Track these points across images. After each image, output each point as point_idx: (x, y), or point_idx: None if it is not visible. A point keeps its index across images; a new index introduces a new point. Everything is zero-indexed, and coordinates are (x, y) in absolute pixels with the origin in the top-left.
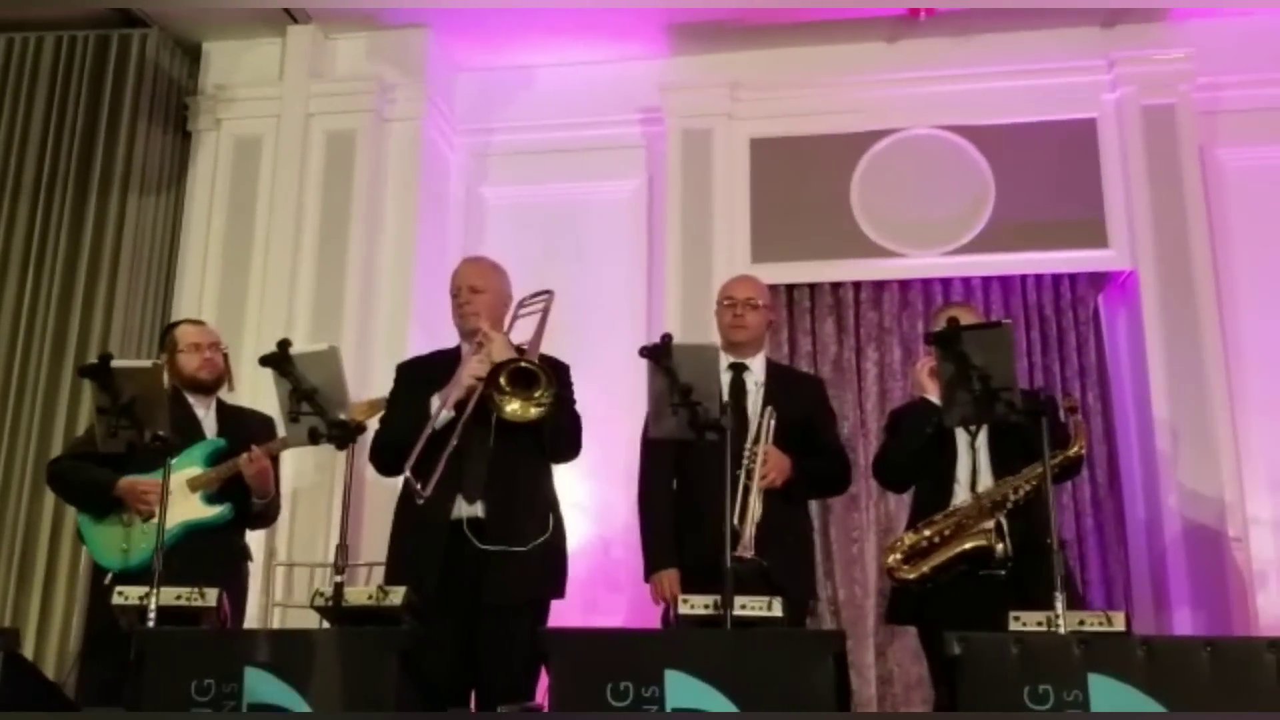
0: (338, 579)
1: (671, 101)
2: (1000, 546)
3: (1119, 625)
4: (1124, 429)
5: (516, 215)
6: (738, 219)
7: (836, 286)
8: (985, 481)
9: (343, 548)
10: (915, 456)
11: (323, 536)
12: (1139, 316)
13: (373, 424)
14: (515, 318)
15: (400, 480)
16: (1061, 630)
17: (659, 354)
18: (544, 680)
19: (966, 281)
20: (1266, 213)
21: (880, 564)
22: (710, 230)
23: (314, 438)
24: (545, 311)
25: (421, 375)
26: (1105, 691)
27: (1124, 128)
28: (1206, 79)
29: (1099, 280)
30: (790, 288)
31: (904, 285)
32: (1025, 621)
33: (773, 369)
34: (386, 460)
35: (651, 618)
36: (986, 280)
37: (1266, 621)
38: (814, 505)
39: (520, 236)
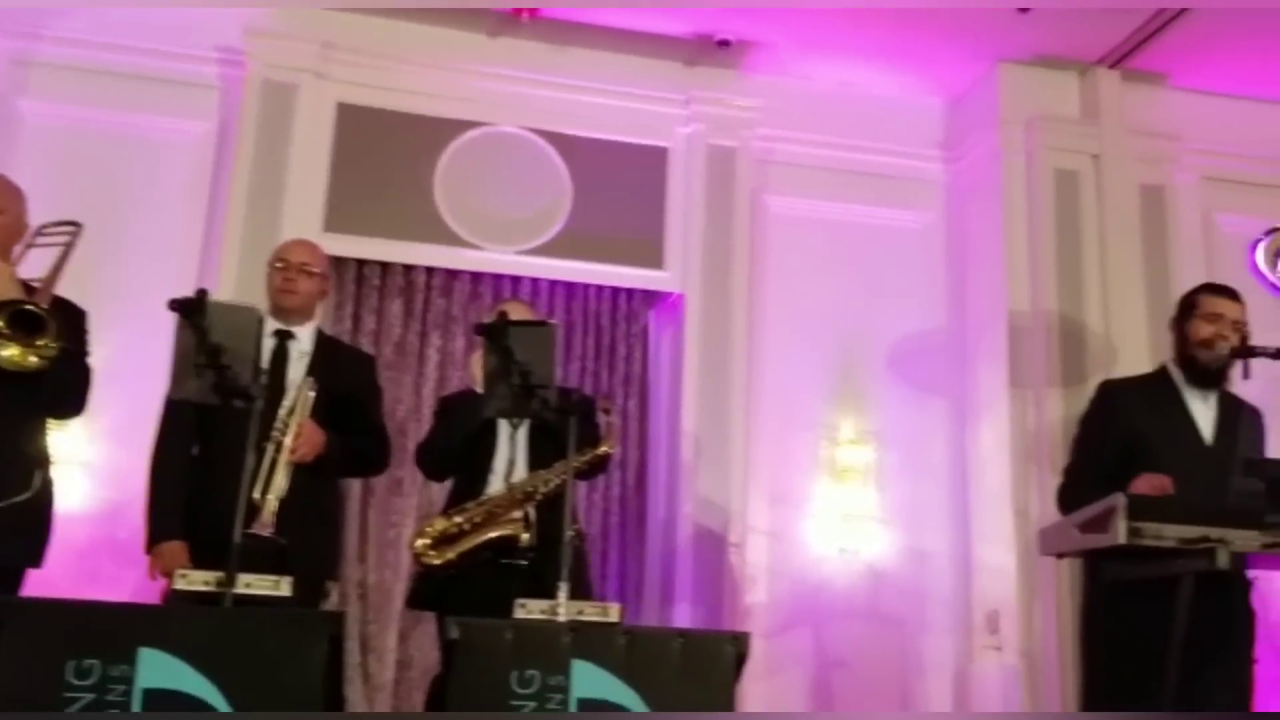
0: None
1: (255, 47)
2: (525, 536)
3: (613, 616)
4: (656, 437)
5: (59, 138)
6: (314, 183)
7: (409, 269)
8: (521, 473)
9: None
10: (459, 446)
11: None
12: (682, 336)
13: None
14: (29, 247)
15: None
16: (561, 619)
17: (189, 309)
18: None
19: (535, 282)
20: (797, 259)
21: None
22: (282, 189)
23: None
24: (69, 247)
25: None
26: (585, 676)
27: (691, 161)
28: (766, 130)
29: (652, 298)
30: (361, 263)
31: (476, 277)
32: (530, 609)
33: (322, 340)
34: None
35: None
36: (554, 284)
37: (753, 618)
38: (356, 486)
39: (61, 163)
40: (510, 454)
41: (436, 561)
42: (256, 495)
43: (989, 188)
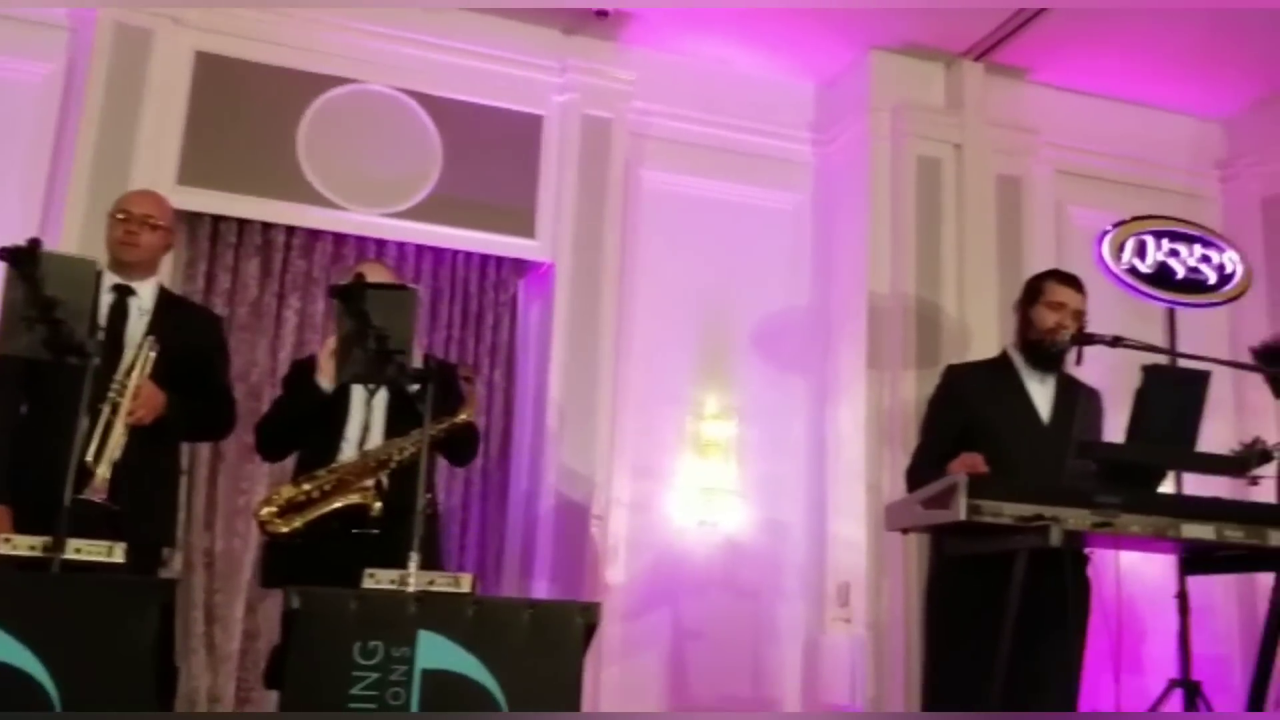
0: None
1: None
2: (377, 505)
3: (465, 587)
4: (522, 408)
5: None
6: (168, 133)
7: (268, 227)
8: (376, 440)
9: None
10: (292, 429)
11: None
12: (551, 306)
13: None
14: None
15: None
16: (411, 589)
17: (20, 259)
18: None
19: (401, 246)
20: (669, 234)
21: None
22: (133, 138)
23: None
24: None
25: None
26: (431, 647)
27: (565, 130)
28: (642, 103)
29: (522, 267)
30: (217, 219)
31: (339, 239)
32: (380, 579)
33: (165, 298)
34: None
35: None
36: (421, 249)
37: (612, 590)
38: (205, 451)
39: None
40: (365, 420)
41: (283, 530)
42: (89, 458)
43: (856, 172)
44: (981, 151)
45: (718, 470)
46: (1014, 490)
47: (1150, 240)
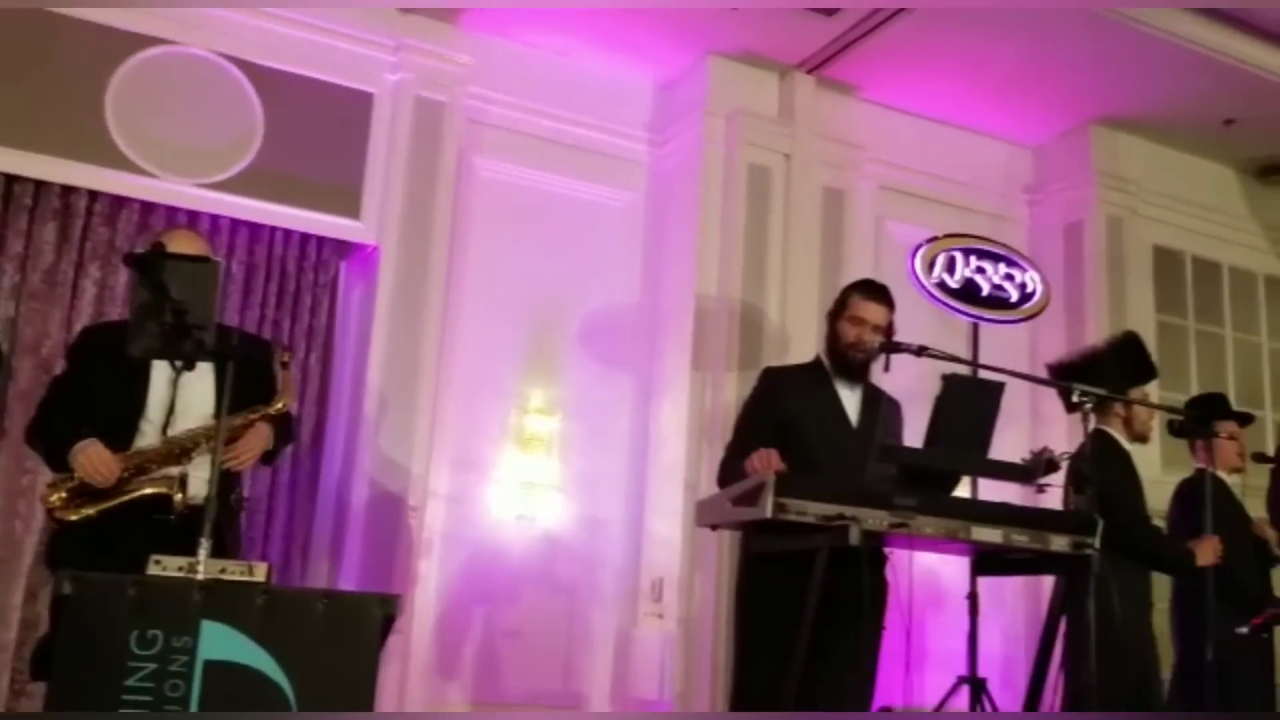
0: None
1: None
2: (179, 496)
3: (259, 576)
4: (338, 394)
5: None
6: None
7: (69, 191)
8: (186, 424)
9: None
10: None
11: None
12: (374, 290)
13: None
14: None
15: None
16: (200, 576)
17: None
18: None
19: (215, 219)
20: (500, 224)
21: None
22: None
23: None
24: None
25: None
26: (215, 638)
27: (397, 111)
28: (478, 89)
29: (345, 249)
30: (11, 178)
31: (147, 207)
32: (167, 566)
33: None
34: None
35: None
36: (236, 222)
37: (424, 585)
38: None
39: None
40: (169, 400)
41: (72, 518)
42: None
43: (689, 174)
44: (809, 163)
45: (539, 465)
46: (818, 490)
47: (960, 257)
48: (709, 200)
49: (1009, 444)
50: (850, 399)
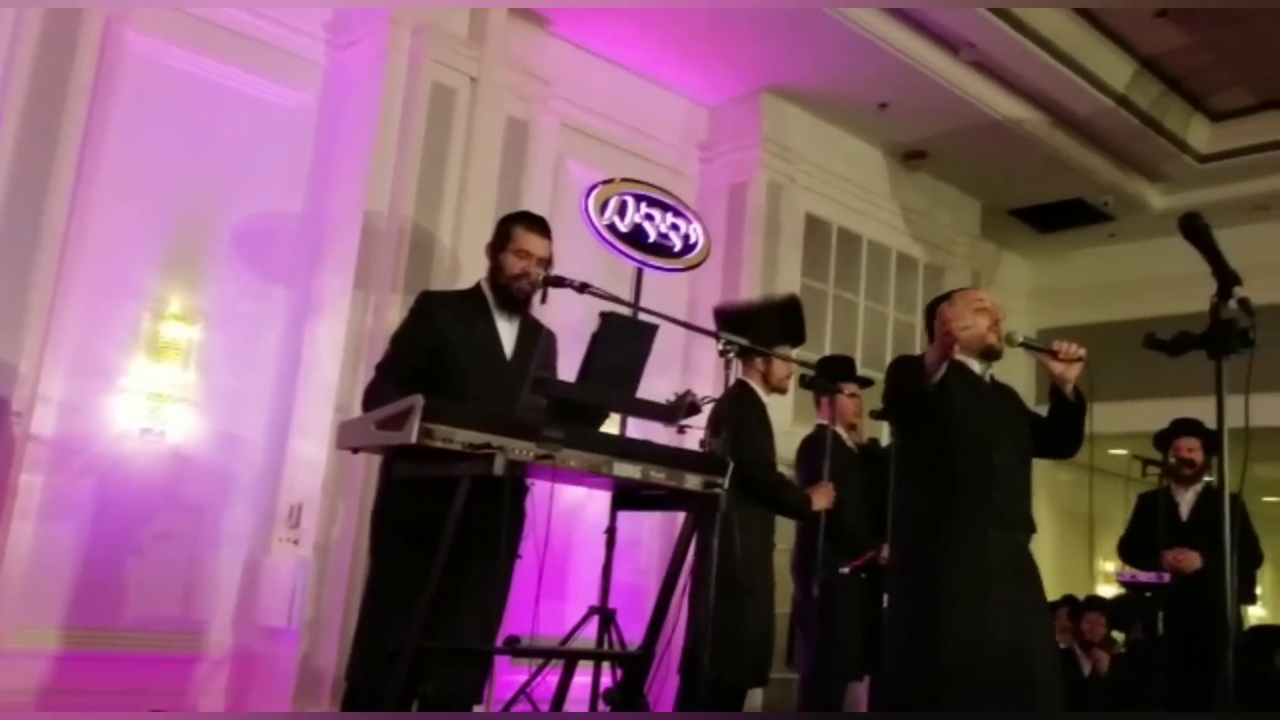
0: None
1: None
2: None
3: None
4: None
5: None
6: None
7: None
8: None
9: None
10: None
11: None
12: None
13: None
14: None
15: None
16: None
17: None
18: None
19: None
20: (151, 107)
21: None
22: None
23: None
24: None
25: None
26: None
27: None
28: None
29: None
30: None
31: None
32: None
33: None
34: None
35: None
36: None
37: (24, 497)
38: None
39: None
40: None
41: None
42: None
43: (369, 84)
44: (496, 90)
45: (173, 376)
46: (466, 417)
47: (631, 202)
48: (388, 114)
49: (663, 387)
50: (507, 330)
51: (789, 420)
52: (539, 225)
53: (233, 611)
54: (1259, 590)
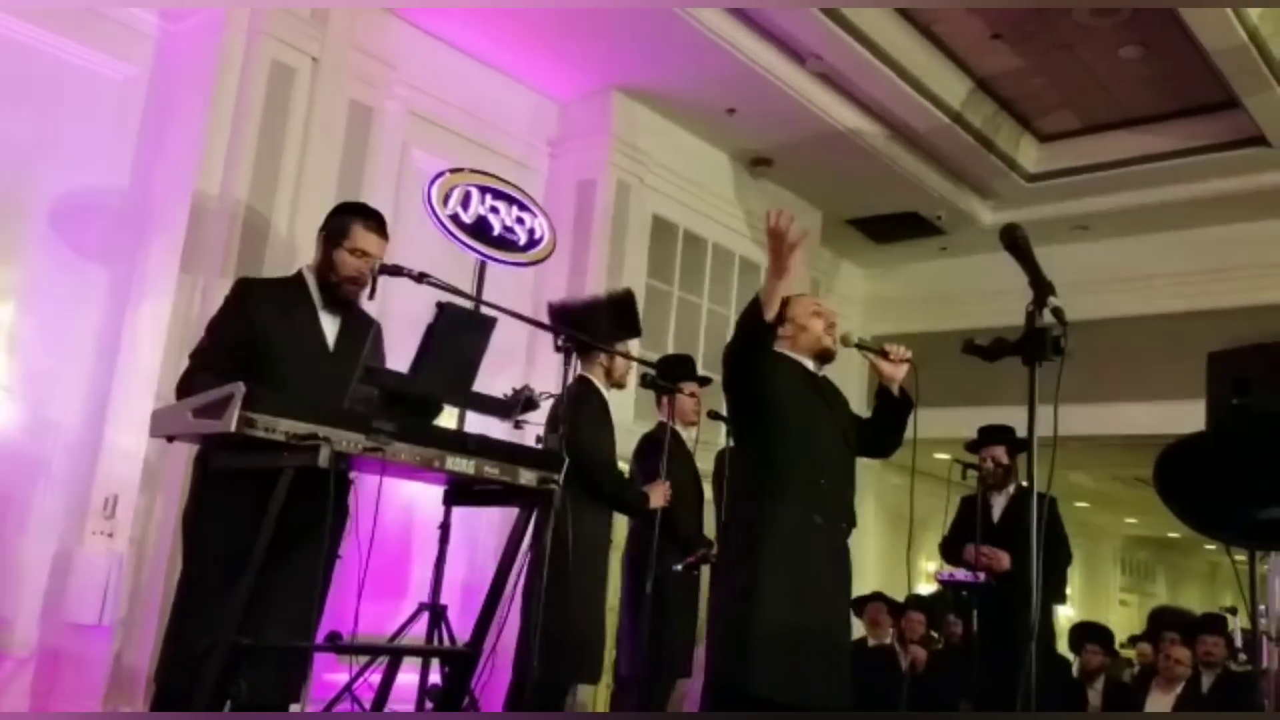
0: None
1: None
2: None
3: None
4: None
5: None
6: None
7: None
8: None
9: None
10: None
11: None
12: None
13: None
14: None
15: None
16: None
17: None
18: None
19: None
20: None
21: None
22: None
23: None
24: None
25: None
26: None
27: None
28: None
29: None
30: None
31: None
32: None
33: None
34: None
35: None
36: None
37: None
38: None
39: None
40: None
41: None
42: None
43: (203, 59)
44: (339, 72)
45: None
46: (291, 407)
47: (475, 193)
48: (223, 92)
49: (503, 383)
50: (329, 321)
51: (630, 418)
52: (378, 224)
53: (40, 607)
54: (1069, 590)
